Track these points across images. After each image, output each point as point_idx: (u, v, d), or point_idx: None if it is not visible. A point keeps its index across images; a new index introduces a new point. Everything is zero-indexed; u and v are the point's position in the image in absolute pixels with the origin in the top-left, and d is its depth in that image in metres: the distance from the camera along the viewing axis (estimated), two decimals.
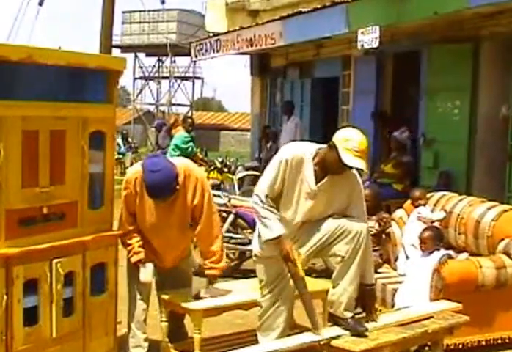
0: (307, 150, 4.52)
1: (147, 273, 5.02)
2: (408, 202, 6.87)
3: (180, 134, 11.49)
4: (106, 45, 15.85)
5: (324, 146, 4.56)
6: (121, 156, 21.69)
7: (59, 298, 4.34)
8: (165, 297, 5.08)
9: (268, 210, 4.46)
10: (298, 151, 4.51)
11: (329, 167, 4.44)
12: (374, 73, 12.26)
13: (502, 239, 5.77)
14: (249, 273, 6.55)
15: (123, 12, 39.29)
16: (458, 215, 6.23)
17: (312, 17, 10.24)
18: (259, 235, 4.63)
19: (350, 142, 4.35)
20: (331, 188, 4.50)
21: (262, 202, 4.47)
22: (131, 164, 22.67)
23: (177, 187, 4.81)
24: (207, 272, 5.10)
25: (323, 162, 4.46)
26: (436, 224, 6.29)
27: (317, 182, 4.46)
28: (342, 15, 9.44)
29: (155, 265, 5.13)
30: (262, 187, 4.51)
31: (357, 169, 4.50)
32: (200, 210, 4.99)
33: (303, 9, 10.82)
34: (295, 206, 4.51)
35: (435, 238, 5.94)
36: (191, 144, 11.19)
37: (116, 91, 4.91)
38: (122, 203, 4.99)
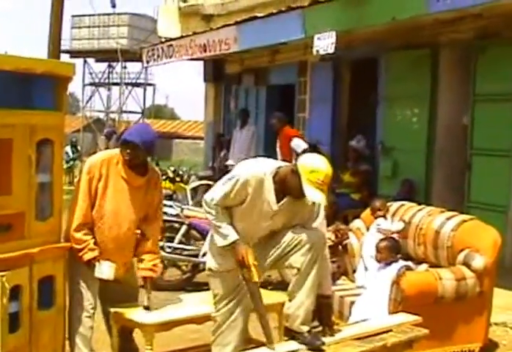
0: (267, 169, 4.50)
1: (107, 269, 4.88)
2: (367, 211, 6.89)
3: None
4: (55, 49, 15.69)
5: (285, 164, 4.58)
6: (70, 165, 21.50)
7: (5, 312, 4.27)
8: (115, 311, 5.03)
9: (221, 217, 4.46)
10: (257, 171, 4.47)
11: (289, 191, 4.45)
12: (331, 80, 12.36)
13: (462, 250, 5.83)
14: (202, 286, 6.52)
15: (73, 16, 39.03)
16: (417, 225, 6.28)
17: (268, 22, 10.29)
18: (212, 249, 4.63)
19: (316, 174, 4.32)
20: (291, 206, 4.53)
21: (214, 209, 4.47)
22: (80, 173, 22.48)
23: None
24: (144, 273, 5.06)
25: (283, 183, 4.46)
26: (394, 235, 6.33)
27: (278, 201, 4.48)
28: (298, 21, 9.50)
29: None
30: (214, 197, 4.49)
31: None
32: (155, 208, 5.08)
33: (258, 14, 10.87)
34: (254, 225, 4.52)
35: (390, 249, 5.99)
36: None
37: (65, 97, 4.87)
38: (81, 191, 4.86)
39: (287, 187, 4.44)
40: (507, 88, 9.05)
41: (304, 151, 9.60)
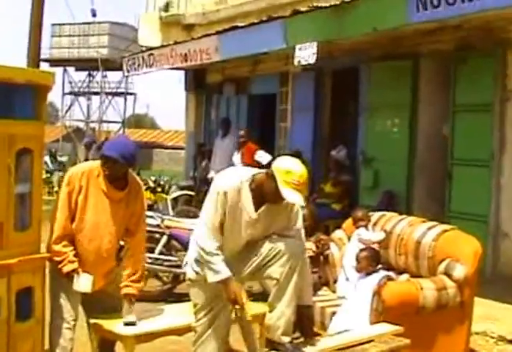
0: (243, 177, 4.50)
1: (84, 282, 4.84)
2: (349, 222, 6.90)
3: None
4: (34, 58, 15.63)
5: (260, 171, 4.58)
6: (49, 175, 21.38)
7: None
8: (95, 322, 5.00)
9: (214, 250, 4.42)
10: (234, 180, 4.47)
11: (267, 196, 4.45)
12: (312, 90, 12.40)
13: (443, 260, 5.86)
14: (183, 297, 6.51)
15: (52, 25, 39.01)
16: (399, 235, 6.30)
17: (249, 32, 10.32)
18: (192, 258, 4.63)
19: (291, 175, 4.34)
20: (270, 213, 4.52)
21: (209, 240, 4.43)
22: (59, 183, 22.42)
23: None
24: (126, 291, 5.01)
25: (260, 189, 4.46)
26: (375, 245, 6.35)
27: (256, 209, 4.48)
28: (279, 30, 9.53)
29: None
30: (208, 221, 4.47)
31: None
32: (138, 219, 5.05)
33: (239, 24, 10.90)
34: (236, 235, 4.51)
35: (370, 259, 6.01)
36: None
37: (45, 107, 4.86)
38: (60, 203, 4.84)
39: (265, 192, 4.45)
40: (486, 98, 9.14)
41: (269, 163, 9.65)
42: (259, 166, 10.31)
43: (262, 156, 11.01)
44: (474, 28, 9.04)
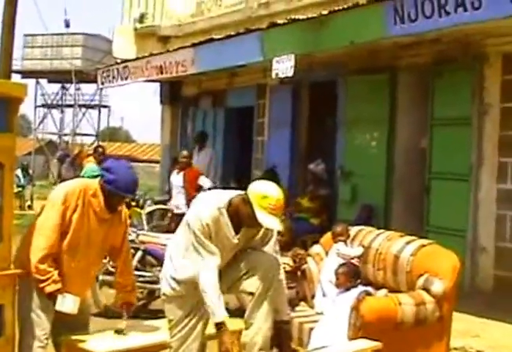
0: (220, 203, 4.53)
1: (71, 303, 4.79)
2: (327, 236, 6.90)
3: (88, 167, 11.40)
4: (5, 69, 15.57)
5: (237, 193, 4.59)
6: (20, 189, 21.26)
7: None
8: (67, 340, 4.95)
9: (215, 288, 4.41)
10: (213, 209, 4.50)
11: (243, 221, 4.48)
12: (290, 103, 12.44)
13: (421, 274, 5.87)
14: (158, 314, 6.48)
15: (25, 35, 38.88)
16: (377, 250, 6.31)
17: (226, 44, 10.33)
18: (167, 273, 4.62)
19: (267, 200, 4.37)
20: (248, 234, 4.59)
21: (213, 277, 4.43)
22: (31, 197, 22.32)
23: None
24: (124, 298, 5.16)
25: (237, 214, 4.49)
26: (355, 260, 6.35)
27: (236, 232, 4.51)
28: (256, 43, 9.55)
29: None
30: (206, 258, 4.47)
31: None
32: (124, 237, 5.13)
33: (216, 36, 10.91)
34: (221, 258, 4.54)
35: (349, 274, 6.01)
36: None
37: (17, 119, 4.82)
38: (53, 222, 4.78)
39: (241, 216, 4.48)
40: (464, 112, 9.22)
41: (210, 189, 9.70)
42: (200, 189, 10.39)
43: (205, 182, 11.09)
44: (452, 42, 9.13)
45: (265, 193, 4.39)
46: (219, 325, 4.40)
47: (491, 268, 8.88)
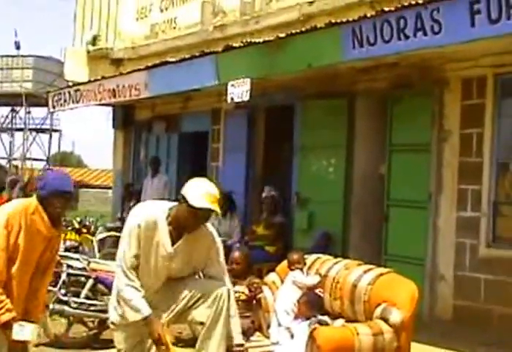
0: (160, 210, 4.58)
1: (31, 332, 4.68)
2: (283, 265, 6.87)
3: None
4: None
5: (174, 204, 4.63)
6: None
7: None
8: None
9: (132, 287, 4.41)
10: (150, 213, 4.55)
11: (183, 222, 4.51)
12: (245, 128, 12.44)
13: (379, 304, 5.86)
14: (109, 344, 6.39)
15: None
16: (334, 279, 6.29)
17: (180, 67, 10.32)
18: (114, 302, 4.57)
19: (199, 188, 4.48)
20: (188, 248, 4.57)
21: (125, 278, 4.43)
22: None
23: None
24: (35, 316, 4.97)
25: (176, 220, 4.52)
26: (318, 290, 6.31)
27: (173, 244, 4.50)
28: (211, 66, 9.56)
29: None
30: (123, 258, 4.50)
31: (211, 211, 4.52)
32: (55, 254, 5.04)
33: (170, 59, 10.90)
34: (154, 270, 4.53)
35: (310, 304, 5.99)
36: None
37: None
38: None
39: (181, 217, 4.52)
40: (423, 138, 9.29)
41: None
42: None
43: None
44: (411, 66, 9.21)
45: (196, 185, 4.53)
46: (146, 320, 4.41)
47: (451, 298, 8.91)
